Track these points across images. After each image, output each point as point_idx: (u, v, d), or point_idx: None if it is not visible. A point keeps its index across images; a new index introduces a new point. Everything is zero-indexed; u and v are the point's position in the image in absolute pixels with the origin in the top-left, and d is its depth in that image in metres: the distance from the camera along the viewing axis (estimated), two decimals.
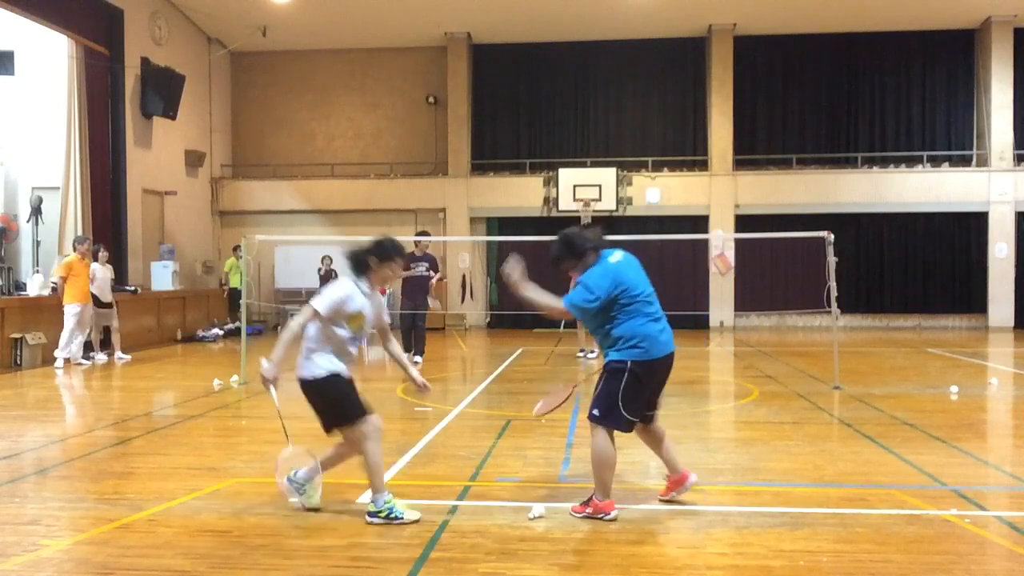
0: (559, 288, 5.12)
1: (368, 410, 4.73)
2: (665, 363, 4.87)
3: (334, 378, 4.68)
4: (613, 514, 4.73)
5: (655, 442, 5.13)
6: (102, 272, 13.07)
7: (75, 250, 12.60)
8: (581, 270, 4.91)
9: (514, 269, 5.01)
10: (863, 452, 6.48)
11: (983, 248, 19.36)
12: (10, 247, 14.86)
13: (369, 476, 4.71)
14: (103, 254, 13.24)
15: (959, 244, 19.58)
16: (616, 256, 4.94)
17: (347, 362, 4.78)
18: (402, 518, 4.63)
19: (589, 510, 4.76)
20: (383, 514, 4.64)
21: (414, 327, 12.42)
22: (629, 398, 4.75)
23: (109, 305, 13.17)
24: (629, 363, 4.74)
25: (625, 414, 4.77)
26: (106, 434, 7.36)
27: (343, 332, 4.71)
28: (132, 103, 16.91)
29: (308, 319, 4.66)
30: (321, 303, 4.65)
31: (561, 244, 4.98)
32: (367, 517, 4.67)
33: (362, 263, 4.75)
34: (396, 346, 5.09)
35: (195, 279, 19.28)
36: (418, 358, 12.25)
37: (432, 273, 12.52)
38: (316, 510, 4.87)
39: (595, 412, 4.83)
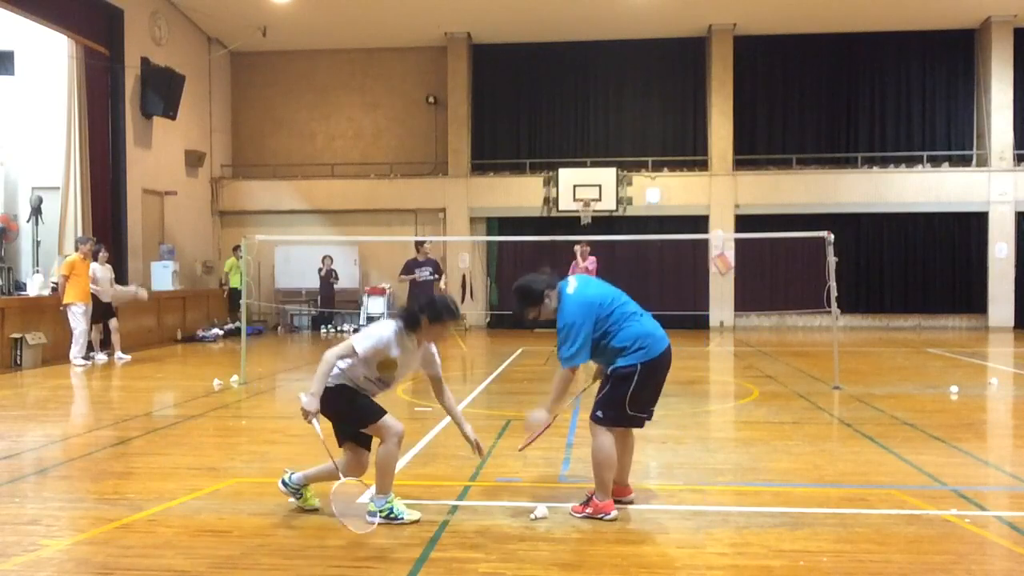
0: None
1: (385, 411, 4.71)
2: (667, 357, 4.89)
3: (342, 388, 4.66)
4: (613, 514, 4.73)
5: (623, 446, 5.05)
6: (102, 272, 13.07)
7: (77, 250, 12.65)
8: (548, 313, 4.91)
9: (536, 420, 4.93)
10: (863, 452, 6.48)
11: (983, 248, 19.35)
12: (10, 247, 14.86)
13: (378, 475, 4.71)
14: (103, 254, 13.24)
15: (959, 244, 19.57)
16: (571, 285, 4.91)
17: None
18: (402, 518, 4.63)
19: (589, 510, 4.76)
20: (383, 513, 4.64)
21: None
22: (636, 399, 4.79)
23: (109, 307, 13.19)
24: (638, 366, 4.75)
25: (631, 413, 4.82)
26: (106, 434, 7.36)
27: (370, 372, 4.68)
28: (132, 103, 16.91)
29: (345, 355, 4.60)
30: (361, 344, 4.57)
31: (518, 297, 4.97)
32: (366, 516, 4.67)
33: (414, 319, 4.66)
34: (450, 400, 4.97)
35: (195, 279, 19.28)
36: None
37: (436, 276, 13.10)
38: (315, 510, 4.88)
39: (599, 414, 4.84)
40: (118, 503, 5.12)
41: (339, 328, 19.17)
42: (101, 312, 12.99)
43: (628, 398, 4.76)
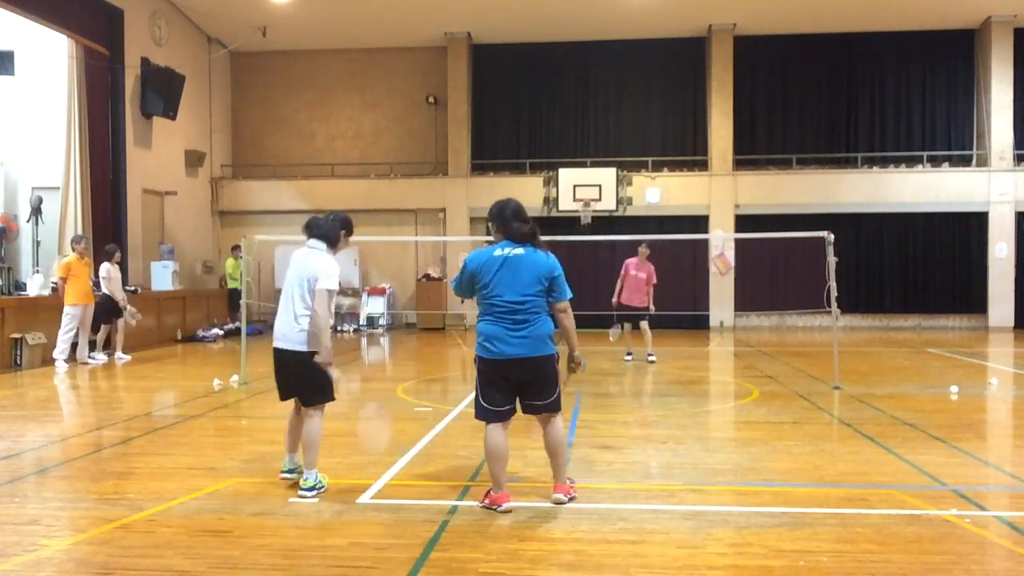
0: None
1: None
2: (506, 365, 4.86)
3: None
4: (505, 506, 4.81)
5: (546, 442, 5.14)
6: (116, 272, 13.05)
7: (73, 250, 12.57)
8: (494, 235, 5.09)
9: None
10: (863, 452, 6.48)
11: (983, 248, 19.34)
12: (10, 247, 14.84)
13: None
14: (117, 255, 13.17)
15: (959, 244, 19.57)
16: (502, 251, 4.90)
17: None
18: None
19: (487, 501, 4.90)
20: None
21: None
22: (482, 391, 4.92)
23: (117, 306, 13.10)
24: (477, 358, 4.94)
25: (484, 404, 4.91)
26: (106, 434, 7.36)
27: None
28: (132, 103, 16.90)
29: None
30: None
31: (498, 206, 5.04)
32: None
33: None
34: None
35: (195, 279, 19.28)
36: None
37: None
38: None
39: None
40: (118, 503, 5.12)
41: (339, 328, 19.16)
42: (110, 311, 12.95)
43: (479, 388, 4.93)
